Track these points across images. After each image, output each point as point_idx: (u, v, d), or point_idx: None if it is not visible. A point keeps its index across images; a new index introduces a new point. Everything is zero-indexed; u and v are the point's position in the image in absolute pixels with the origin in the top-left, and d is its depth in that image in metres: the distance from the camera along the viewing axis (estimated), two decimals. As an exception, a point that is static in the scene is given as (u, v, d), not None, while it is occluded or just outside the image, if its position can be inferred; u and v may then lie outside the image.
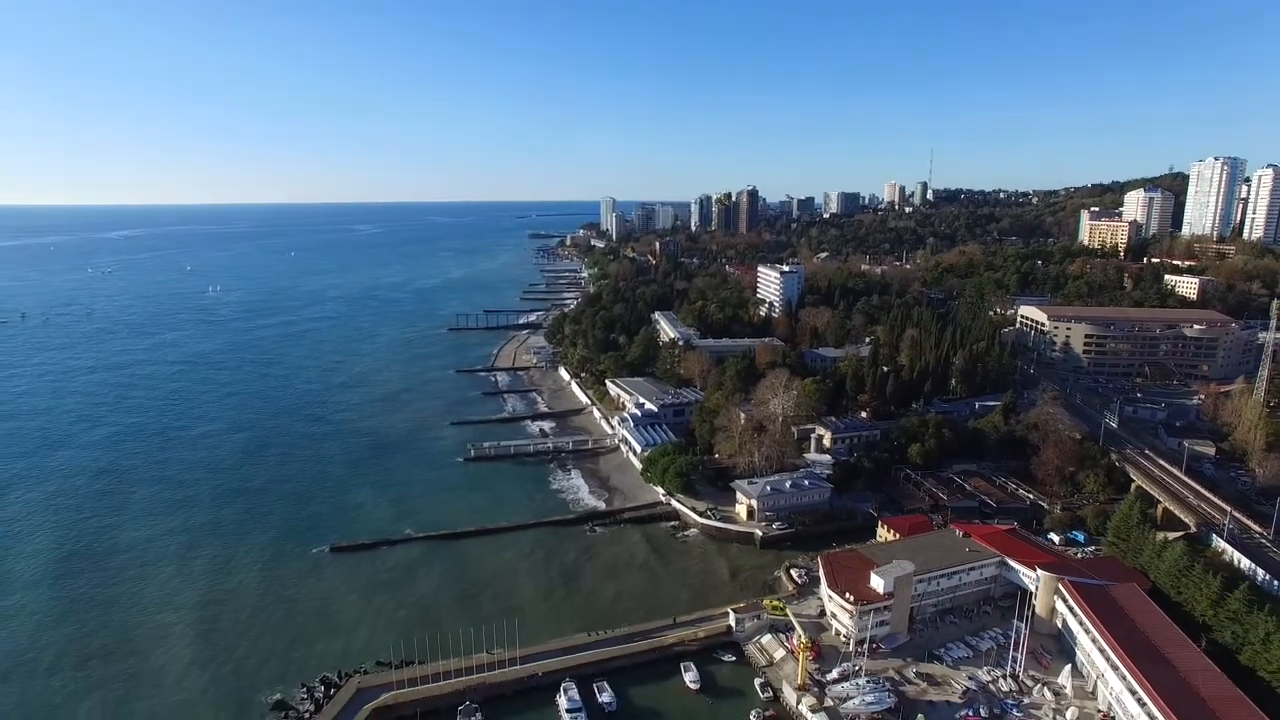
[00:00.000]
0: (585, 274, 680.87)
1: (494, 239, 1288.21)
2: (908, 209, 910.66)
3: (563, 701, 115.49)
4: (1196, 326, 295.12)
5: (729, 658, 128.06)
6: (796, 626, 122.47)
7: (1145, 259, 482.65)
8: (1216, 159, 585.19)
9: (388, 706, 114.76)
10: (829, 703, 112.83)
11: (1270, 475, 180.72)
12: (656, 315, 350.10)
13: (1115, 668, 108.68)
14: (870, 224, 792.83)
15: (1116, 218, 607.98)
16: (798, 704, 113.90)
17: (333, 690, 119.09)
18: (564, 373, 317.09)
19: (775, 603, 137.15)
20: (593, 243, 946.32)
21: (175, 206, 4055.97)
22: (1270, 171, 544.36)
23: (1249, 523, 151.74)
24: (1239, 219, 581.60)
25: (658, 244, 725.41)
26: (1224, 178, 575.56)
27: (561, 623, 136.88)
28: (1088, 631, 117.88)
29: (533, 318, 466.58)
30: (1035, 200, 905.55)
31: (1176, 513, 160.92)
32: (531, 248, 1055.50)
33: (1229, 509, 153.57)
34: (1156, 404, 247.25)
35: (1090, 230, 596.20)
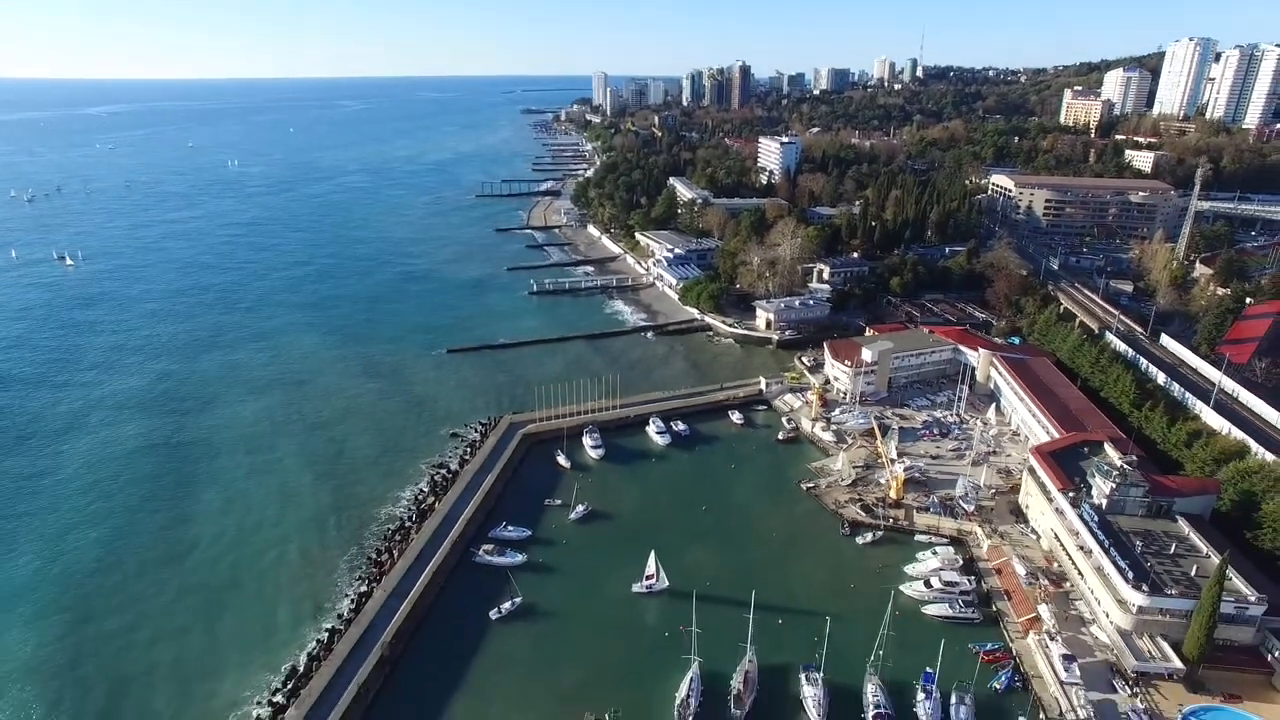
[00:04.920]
0: (588, 147, 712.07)
1: (487, 114, 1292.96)
2: (897, 86, 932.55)
3: (651, 429, 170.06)
4: (1141, 194, 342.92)
5: (762, 407, 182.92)
6: (811, 380, 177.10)
7: (1112, 136, 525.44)
8: (1190, 39, 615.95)
9: (534, 433, 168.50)
10: (833, 426, 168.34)
11: (1168, 303, 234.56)
12: (672, 180, 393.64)
13: (1022, 400, 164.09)
14: (860, 100, 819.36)
15: (1095, 97, 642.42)
16: (812, 428, 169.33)
17: (491, 426, 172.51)
18: (593, 229, 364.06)
19: (793, 374, 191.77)
20: (588, 117, 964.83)
21: (150, 81, 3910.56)
22: (1237, 53, 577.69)
23: (1134, 325, 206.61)
24: (1206, 99, 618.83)
25: (656, 119, 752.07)
26: (1195, 58, 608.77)
27: (643, 387, 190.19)
28: (1008, 384, 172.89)
29: (547, 186, 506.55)
30: (1023, 79, 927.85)
31: (1086, 321, 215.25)
32: (527, 123, 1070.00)
33: (1117, 313, 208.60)
34: (1096, 255, 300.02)
35: (1068, 109, 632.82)
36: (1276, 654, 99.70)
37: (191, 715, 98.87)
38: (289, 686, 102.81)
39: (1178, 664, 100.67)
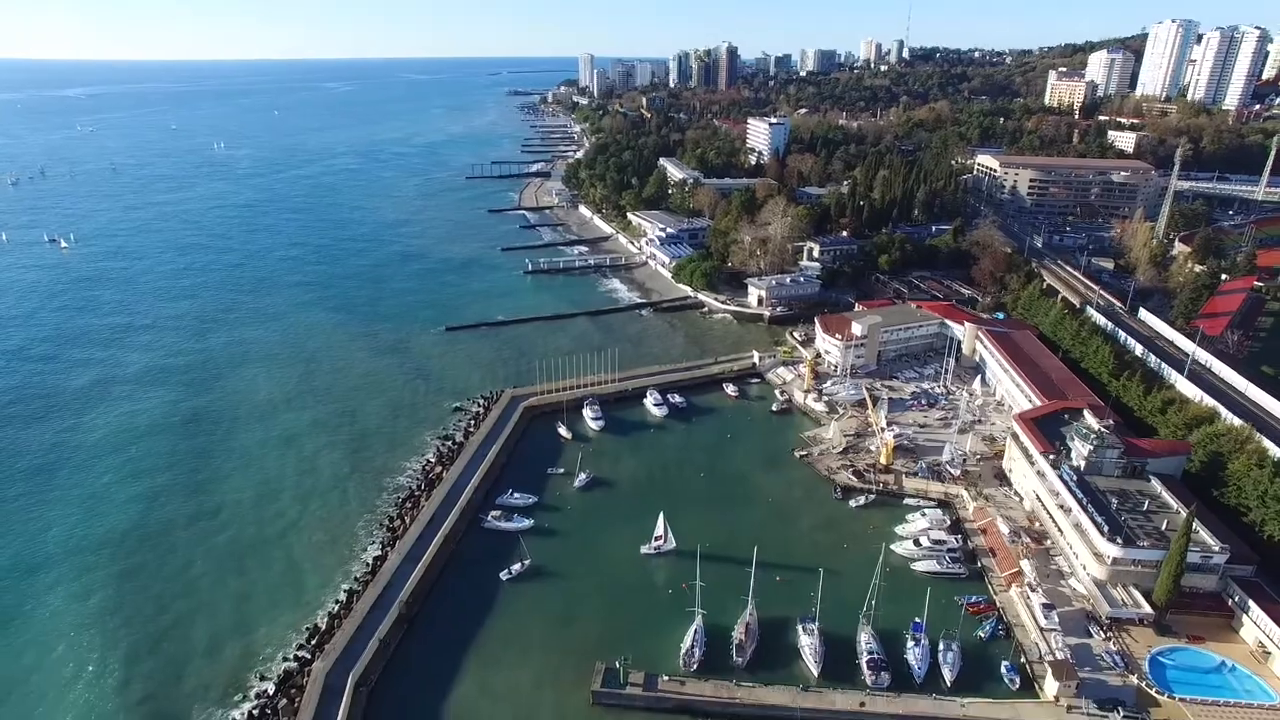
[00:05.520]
0: (577, 129, 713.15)
1: (473, 97, 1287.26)
2: (883, 67, 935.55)
3: (649, 401, 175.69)
4: (1122, 173, 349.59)
5: (755, 380, 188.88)
6: (804, 353, 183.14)
7: (1095, 116, 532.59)
8: (1173, 21, 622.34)
9: (535, 406, 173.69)
10: (825, 398, 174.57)
11: (1147, 280, 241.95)
12: (662, 161, 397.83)
13: (1006, 371, 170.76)
14: (847, 82, 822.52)
15: (1079, 78, 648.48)
16: (804, 400, 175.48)
17: (493, 400, 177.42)
18: (584, 210, 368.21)
19: (785, 349, 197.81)
20: (575, 99, 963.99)
21: (125, 62, 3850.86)
22: (1217, 34, 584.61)
23: (1114, 300, 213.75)
24: (1187, 80, 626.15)
25: (644, 100, 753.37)
26: (1177, 40, 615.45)
27: (640, 362, 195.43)
28: (993, 356, 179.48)
29: (537, 167, 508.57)
30: (1009, 60, 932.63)
31: (1068, 297, 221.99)
32: (514, 105, 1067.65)
33: (1097, 289, 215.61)
34: (1079, 234, 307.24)
35: (1052, 90, 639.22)
36: (1236, 599, 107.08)
37: (222, 668, 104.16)
38: (313, 642, 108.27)
39: (1147, 610, 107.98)
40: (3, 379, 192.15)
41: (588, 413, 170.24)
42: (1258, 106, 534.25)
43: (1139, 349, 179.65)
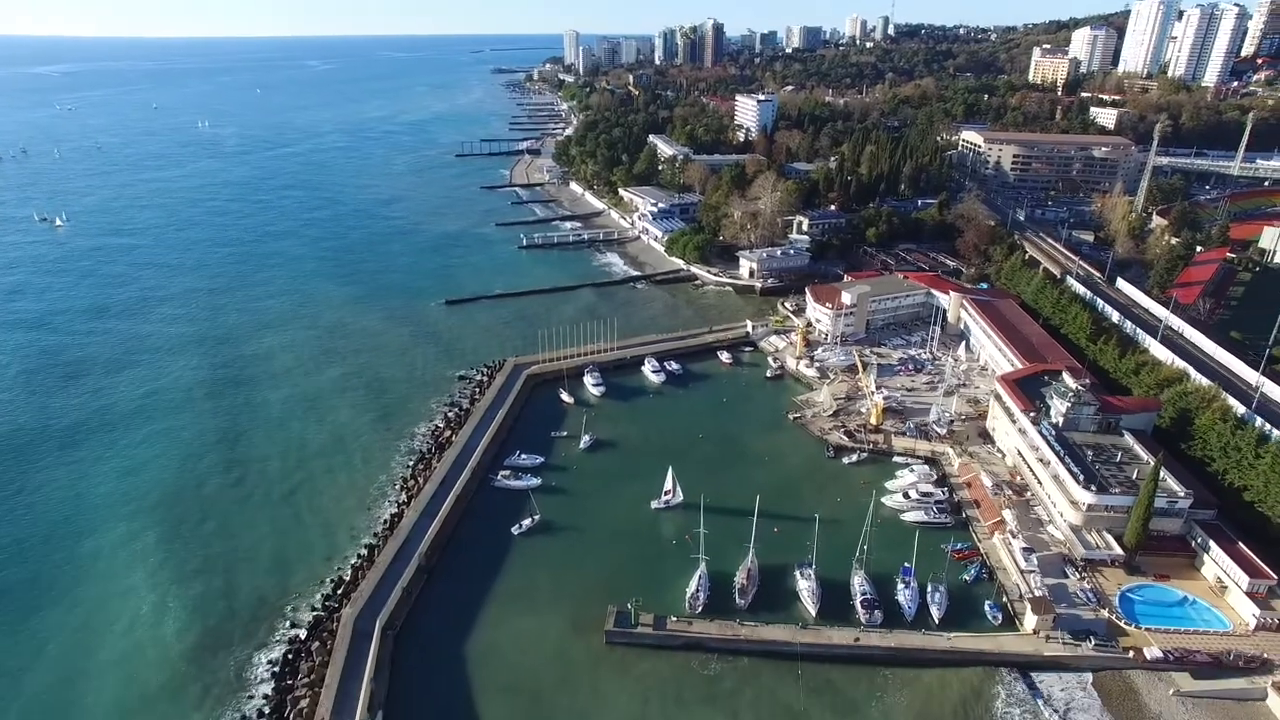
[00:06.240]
0: (563, 106, 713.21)
1: (457, 74, 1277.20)
2: (869, 44, 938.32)
3: (647, 368, 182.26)
4: (1103, 149, 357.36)
5: (749, 349, 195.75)
6: (796, 321, 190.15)
7: (1078, 93, 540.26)
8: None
9: (537, 373, 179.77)
10: (816, 364, 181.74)
11: (1126, 252, 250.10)
12: (652, 137, 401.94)
13: (989, 336, 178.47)
14: (832, 59, 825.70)
15: (1063, 55, 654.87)
16: (796, 366, 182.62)
17: (496, 368, 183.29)
18: (576, 186, 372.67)
19: (777, 318, 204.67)
20: (561, 77, 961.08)
21: (97, 39, 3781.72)
22: (1198, 11, 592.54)
23: (1093, 270, 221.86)
24: (1168, 57, 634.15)
25: (631, 77, 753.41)
26: (1158, 16, 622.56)
27: (637, 331, 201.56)
28: (977, 323, 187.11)
29: (526, 145, 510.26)
30: (994, 37, 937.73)
31: (1049, 267, 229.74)
32: (499, 82, 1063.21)
33: (1077, 259, 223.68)
34: (1060, 208, 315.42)
35: (1036, 67, 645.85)
36: (1198, 540, 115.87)
37: (257, 615, 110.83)
38: (339, 591, 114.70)
39: (1119, 551, 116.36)
40: (23, 351, 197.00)
41: (588, 379, 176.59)
42: (1235, 83, 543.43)
43: (1115, 316, 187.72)
